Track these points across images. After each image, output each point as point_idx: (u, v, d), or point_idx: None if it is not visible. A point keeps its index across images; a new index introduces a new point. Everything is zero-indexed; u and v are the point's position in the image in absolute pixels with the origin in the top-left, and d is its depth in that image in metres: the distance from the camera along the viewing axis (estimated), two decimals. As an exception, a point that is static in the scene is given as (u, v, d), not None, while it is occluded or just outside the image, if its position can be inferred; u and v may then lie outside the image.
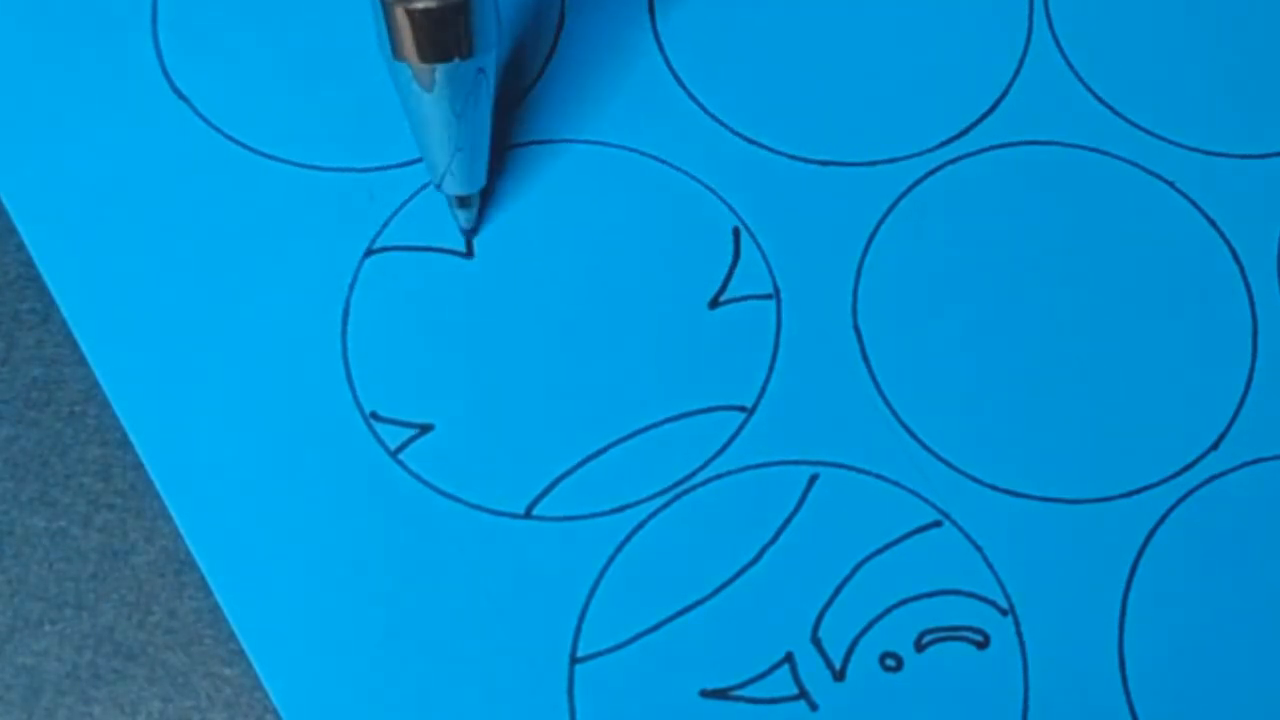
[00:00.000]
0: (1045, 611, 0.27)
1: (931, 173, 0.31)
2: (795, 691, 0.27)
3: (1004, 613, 0.27)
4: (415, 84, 0.25)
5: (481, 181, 0.28)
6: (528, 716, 0.26)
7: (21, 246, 0.29)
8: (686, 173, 0.30)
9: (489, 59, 0.25)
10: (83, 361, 0.29)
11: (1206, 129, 0.31)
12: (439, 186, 0.28)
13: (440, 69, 0.24)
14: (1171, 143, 0.31)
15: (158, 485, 0.28)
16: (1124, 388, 0.29)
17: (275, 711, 0.26)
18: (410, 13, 0.24)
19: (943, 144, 0.31)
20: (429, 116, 0.26)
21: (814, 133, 0.31)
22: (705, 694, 0.27)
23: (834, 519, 0.28)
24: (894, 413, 0.29)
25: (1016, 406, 0.29)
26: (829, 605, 0.27)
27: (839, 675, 0.27)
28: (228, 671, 0.27)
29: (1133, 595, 0.28)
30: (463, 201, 0.28)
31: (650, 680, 0.27)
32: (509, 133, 0.31)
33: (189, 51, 0.31)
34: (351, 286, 0.29)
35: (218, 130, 0.30)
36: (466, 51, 0.24)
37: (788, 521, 0.28)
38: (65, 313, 0.29)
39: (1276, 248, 0.30)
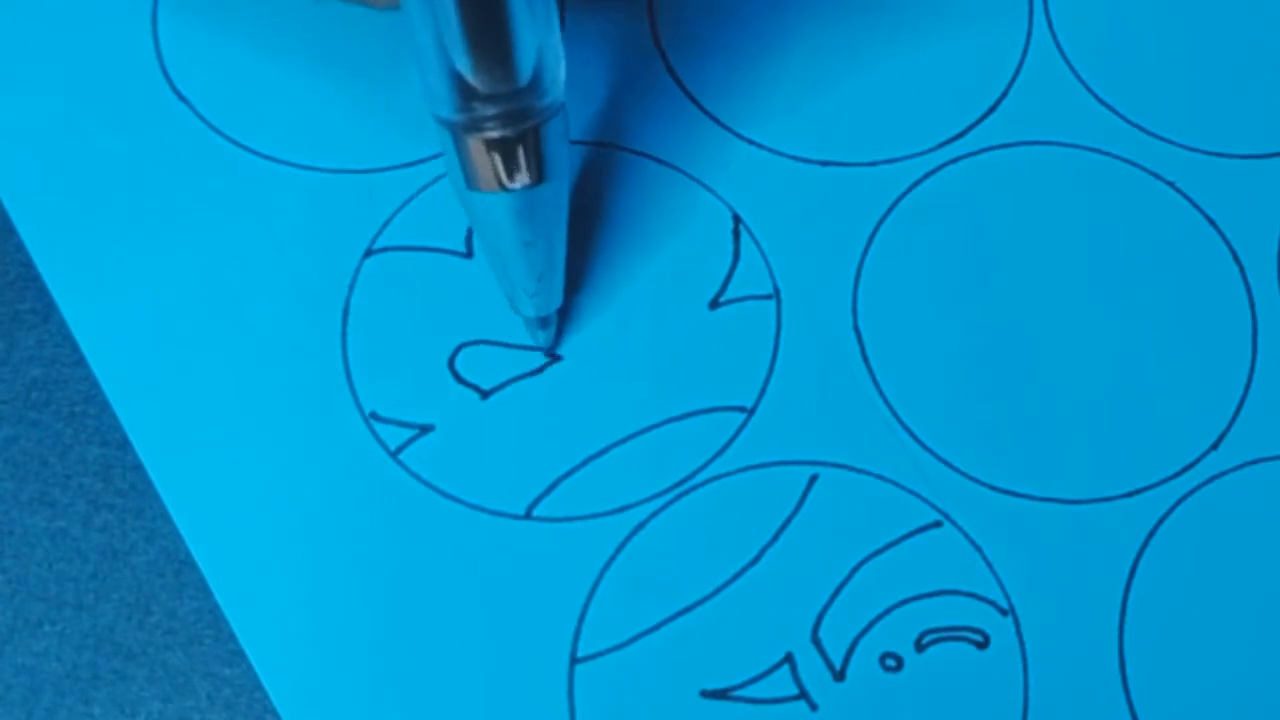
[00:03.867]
0: (1045, 611, 0.27)
1: (931, 173, 0.31)
2: (795, 691, 0.27)
3: (1004, 613, 0.27)
4: (489, 211, 0.25)
5: (558, 301, 0.28)
6: (528, 716, 0.26)
7: (21, 247, 0.29)
8: (686, 173, 0.30)
9: (562, 184, 0.25)
10: (83, 361, 0.28)
11: (1206, 129, 0.31)
12: (516, 309, 0.28)
13: (514, 196, 0.25)
14: (1171, 143, 0.31)
15: (157, 485, 0.28)
16: (1124, 388, 0.29)
17: (275, 712, 0.26)
18: (486, 142, 0.24)
19: (943, 144, 0.31)
20: (503, 242, 0.26)
21: (814, 133, 0.31)
22: (705, 694, 0.27)
23: (834, 519, 0.28)
24: (894, 413, 0.29)
25: (1017, 407, 0.29)
26: (829, 605, 0.27)
27: (839, 675, 0.27)
28: (228, 671, 0.27)
29: (1133, 595, 0.28)
30: (542, 322, 0.28)
31: (650, 680, 0.27)
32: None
33: (189, 51, 0.31)
34: (351, 286, 0.29)
35: (218, 131, 0.30)
36: (538, 178, 0.24)
37: (788, 521, 0.28)
38: (64, 313, 0.29)
39: (1276, 248, 0.30)
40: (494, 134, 0.24)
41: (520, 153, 0.24)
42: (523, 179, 0.24)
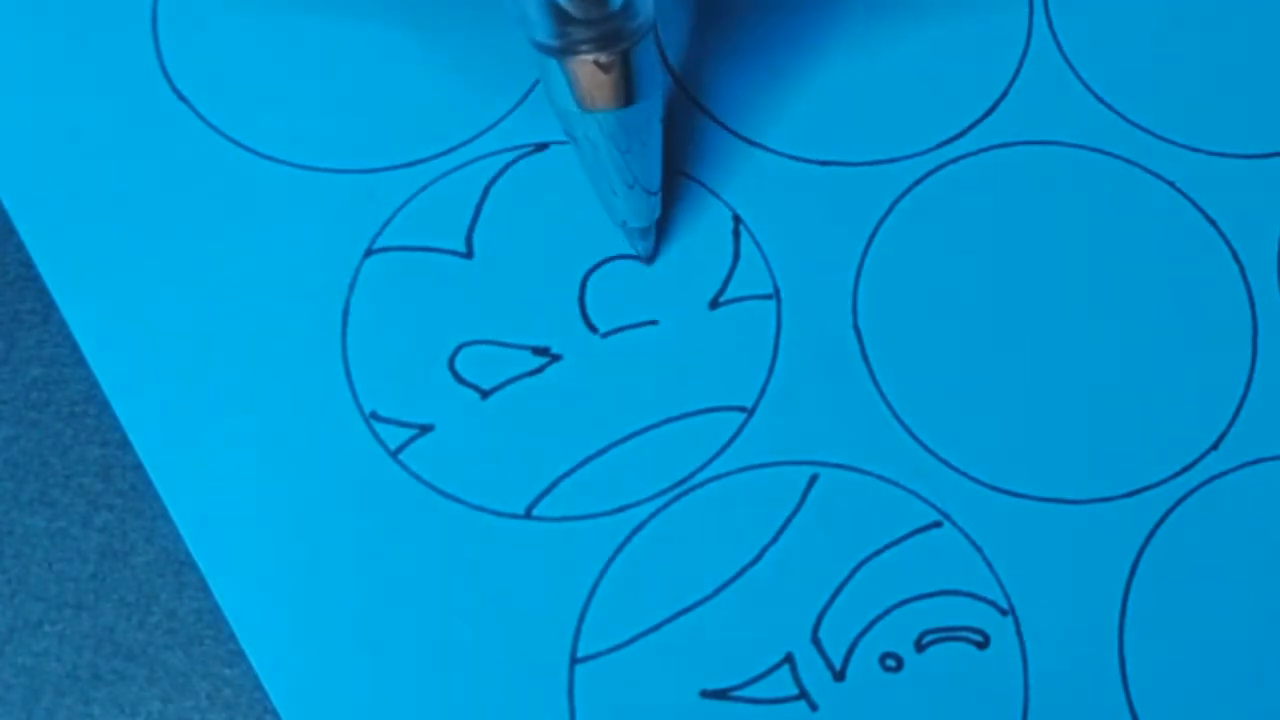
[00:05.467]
0: (1045, 611, 0.27)
1: (931, 173, 0.31)
2: (795, 692, 0.27)
3: (1004, 613, 0.27)
4: (588, 131, 0.27)
5: (657, 212, 0.29)
6: (528, 716, 0.26)
7: (21, 246, 0.29)
8: (686, 173, 0.30)
9: (655, 101, 0.27)
10: (83, 361, 0.29)
11: (1206, 129, 0.31)
12: (619, 223, 0.29)
13: (613, 115, 0.26)
14: (1171, 143, 0.31)
15: (157, 485, 0.28)
16: (1124, 388, 0.29)
17: (275, 712, 0.26)
18: (581, 64, 0.25)
19: (943, 144, 0.31)
20: (602, 158, 0.27)
21: (814, 133, 0.31)
22: (705, 694, 0.27)
23: (834, 519, 0.28)
24: (894, 413, 0.29)
25: (1016, 406, 0.29)
26: (829, 605, 0.27)
27: (839, 675, 0.27)
28: (228, 672, 0.27)
29: (1133, 595, 0.28)
30: (642, 232, 0.29)
31: (650, 680, 0.27)
32: (511, 133, 0.31)
33: (189, 51, 0.31)
34: (351, 286, 0.29)
35: (218, 131, 0.30)
36: (632, 97, 0.26)
37: (788, 521, 0.28)
38: (65, 313, 0.29)
39: (1276, 248, 0.30)
40: (589, 57, 0.25)
41: (615, 73, 0.25)
42: (618, 98, 0.26)
